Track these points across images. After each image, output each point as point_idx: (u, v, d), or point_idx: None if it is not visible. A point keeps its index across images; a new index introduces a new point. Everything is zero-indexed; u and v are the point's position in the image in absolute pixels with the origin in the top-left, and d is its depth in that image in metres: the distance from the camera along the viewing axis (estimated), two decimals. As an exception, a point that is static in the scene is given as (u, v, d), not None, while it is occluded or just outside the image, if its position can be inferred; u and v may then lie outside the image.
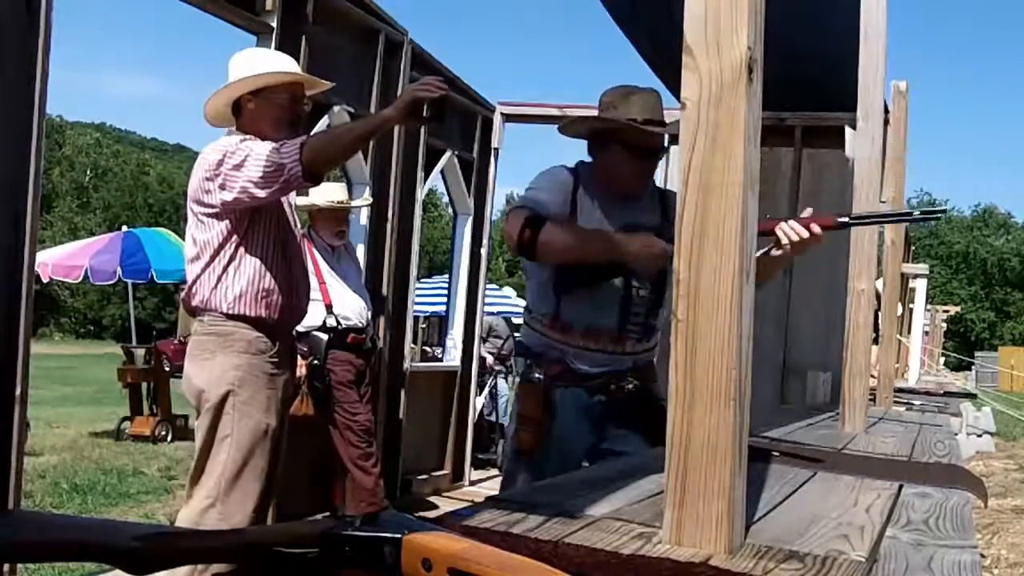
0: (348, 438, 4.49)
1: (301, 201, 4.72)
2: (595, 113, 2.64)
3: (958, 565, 1.27)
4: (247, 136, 2.78)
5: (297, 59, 4.39)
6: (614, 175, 2.58)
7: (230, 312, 2.78)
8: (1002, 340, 49.77)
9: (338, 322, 4.50)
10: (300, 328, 4.56)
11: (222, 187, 2.68)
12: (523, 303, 4.82)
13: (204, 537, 1.00)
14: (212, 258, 2.78)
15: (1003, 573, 5.26)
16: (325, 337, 4.51)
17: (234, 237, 2.78)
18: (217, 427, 2.77)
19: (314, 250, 4.55)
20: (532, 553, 0.89)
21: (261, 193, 2.64)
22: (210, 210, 2.76)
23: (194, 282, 2.82)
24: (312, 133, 3.08)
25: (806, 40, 4.67)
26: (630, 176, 2.59)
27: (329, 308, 4.51)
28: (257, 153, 2.62)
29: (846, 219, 2.40)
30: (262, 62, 2.98)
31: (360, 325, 4.60)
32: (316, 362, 4.45)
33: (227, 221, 2.76)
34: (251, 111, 2.87)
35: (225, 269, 2.78)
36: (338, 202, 4.63)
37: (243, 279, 2.78)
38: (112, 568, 0.86)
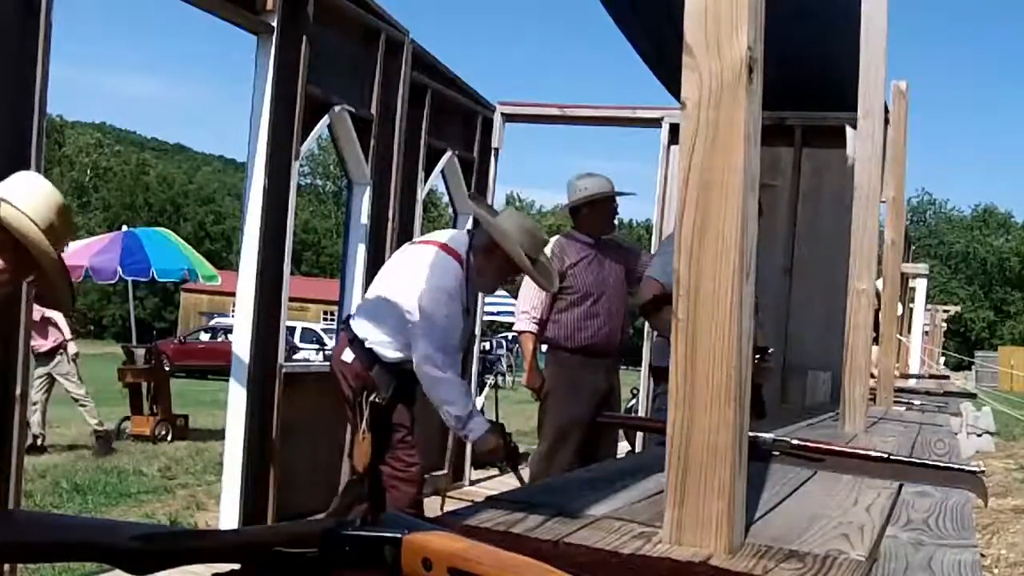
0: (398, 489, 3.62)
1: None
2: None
3: (958, 564, 1.27)
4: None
5: (297, 59, 4.40)
6: None
7: None
8: (1002, 340, 49.79)
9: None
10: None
11: None
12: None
13: (204, 537, 1.00)
14: None
15: (1003, 573, 5.26)
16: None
17: None
18: None
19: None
20: (532, 553, 0.89)
21: None
22: None
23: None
24: None
25: (806, 40, 4.67)
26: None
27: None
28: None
29: None
30: (594, 183, 4.35)
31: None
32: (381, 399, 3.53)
33: None
34: (585, 215, 4.39)
35: None
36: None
37: None
38: (112, 568, 0.85)
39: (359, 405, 3.49)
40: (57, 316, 8.34)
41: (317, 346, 21.40)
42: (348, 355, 3.56)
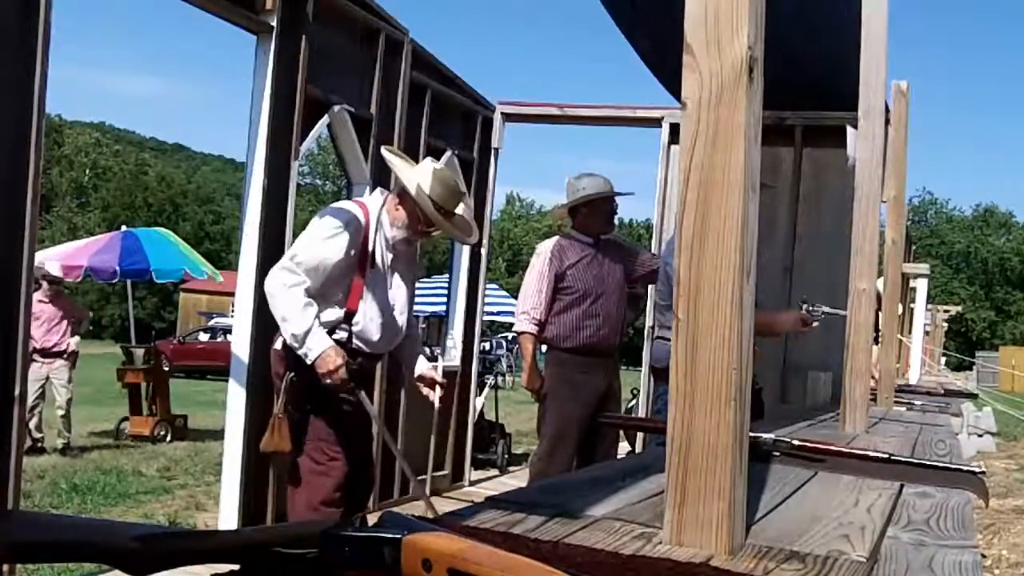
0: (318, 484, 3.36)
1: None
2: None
3: (959, 565, 1.27)
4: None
5: (297, 58, 4.40)
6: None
7: None
8: (1003, 340, 49.81)
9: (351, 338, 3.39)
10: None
11: None
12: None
13: (203, 537, 1.00)
14: None
15: (1004, 573, 5.26)
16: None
17: None
18: None
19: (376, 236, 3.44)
20: (532, 553, 0.89)
21: None
22: None
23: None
24: None
25: (806, 40, 4.67)
26: None
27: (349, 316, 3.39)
28: None
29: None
30: (592, 183, 4.44)
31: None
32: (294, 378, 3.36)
33: None
34: (584, 214, 4.46)
35: None
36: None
37: None
38: (111, 568, 0.85)
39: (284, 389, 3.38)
40: (81, 322, 8.40)
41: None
42: (277, 343, 3.50)
